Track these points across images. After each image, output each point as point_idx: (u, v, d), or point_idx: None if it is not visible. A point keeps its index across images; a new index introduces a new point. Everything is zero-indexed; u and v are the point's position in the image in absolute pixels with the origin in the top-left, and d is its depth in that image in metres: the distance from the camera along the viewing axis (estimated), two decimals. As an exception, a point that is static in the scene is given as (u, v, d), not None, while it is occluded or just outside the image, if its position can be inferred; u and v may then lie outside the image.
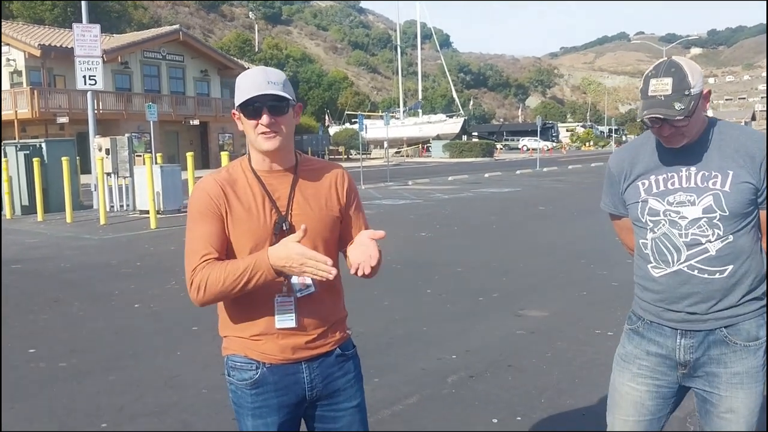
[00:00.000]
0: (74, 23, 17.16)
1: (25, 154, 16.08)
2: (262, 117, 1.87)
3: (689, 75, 1.97)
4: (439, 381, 4.34)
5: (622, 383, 2.23)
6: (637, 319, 2.22)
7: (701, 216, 2.03)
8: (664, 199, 2.08)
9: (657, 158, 2.12)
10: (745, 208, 2.02)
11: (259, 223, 1.92)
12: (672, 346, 2.13)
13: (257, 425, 1.98)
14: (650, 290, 2.15)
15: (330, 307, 2.02)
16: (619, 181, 2.21)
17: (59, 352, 5.13)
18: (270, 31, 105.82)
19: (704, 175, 2.04)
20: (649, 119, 2.00)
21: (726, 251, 2.03)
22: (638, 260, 2.20)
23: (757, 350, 2.08)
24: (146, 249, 10.22)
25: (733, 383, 2.07)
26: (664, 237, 2.08)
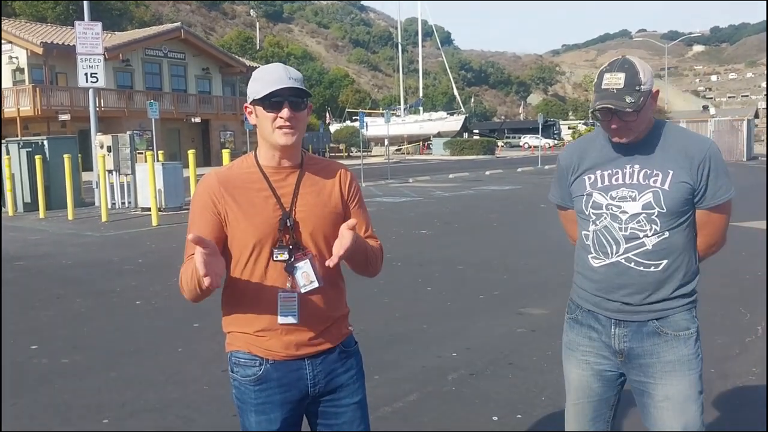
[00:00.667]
0: (76, 21, 17.17)
1: (28, 151, 16.11)
2: (282, 111, 1.89)
3: (641, 72, 2.07)
4: (440, 378, 4.35)
5: (570, 370, 2.36)
6: (576, 308, 2.33)
7: (641, 211, 2.12)
8: (608, 194, 2.17)
9: (604, 154, 2.21)
10: (682, 207, 2.13)
11: (262, 219, 1.93)
12: (608, 335, 2.23)
13: (260, 421, 2.00)
14: (589, 279, 2.25)
15: (333, 304, 2.04)
16: (567, 174, 2.31)
17: (61, 349, 5.15)
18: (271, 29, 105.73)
19: (647, 173, 2.13)
20: (599, 111, 2.09)
21: (662, 246, 2.13)
22: (579, 251, 2.30)
23: (687, 339, 2.18)
24: (148, 246, 10.24)
25: (667, 371, 2.16)
26: (605, 230, 2.18)
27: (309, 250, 1.96)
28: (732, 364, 4.51)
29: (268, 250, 1.93)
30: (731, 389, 4.10)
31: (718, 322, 5.52)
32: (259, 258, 1.94)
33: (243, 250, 1.95)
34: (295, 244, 1.94)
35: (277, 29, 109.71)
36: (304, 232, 1.96)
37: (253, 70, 2.00)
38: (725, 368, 4.44)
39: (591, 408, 2.31)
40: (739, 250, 8.81)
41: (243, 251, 1.95)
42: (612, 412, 2.34)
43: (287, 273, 1.93)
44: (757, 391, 4.08)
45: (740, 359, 4.63)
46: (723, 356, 4.68)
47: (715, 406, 3.87)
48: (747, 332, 5.23)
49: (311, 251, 1.96)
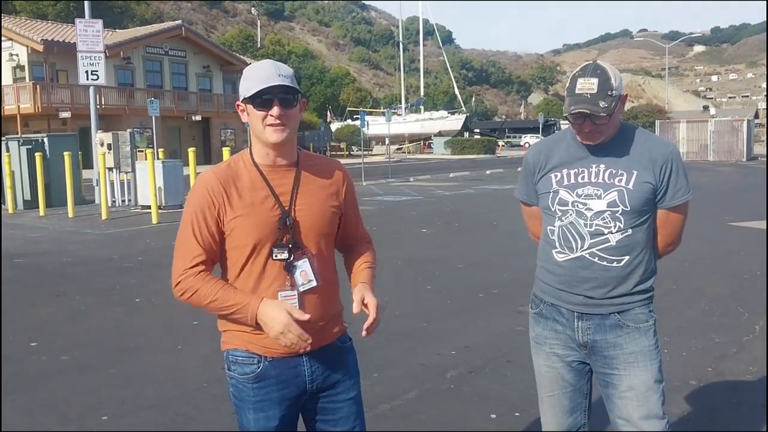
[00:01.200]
0: (77, 18, 17.18)
1: (28, 148, 16.12)
2: (272, 108, 1.88)
3: (612, 78, 2.15)
4: (438, 376, 4.36)
5: (540, 364, 2.43)
6: (540, 302, 2.41)
7: (606, 209, 2.22)
8: (574, 191, 2.26)
9: (571, 153, 2.30)
10: (644, 206, 2.22)
11: (261, 219, 1.93)
12: (572, 328, 2.32)
13: (258, 419, 2.00)
14: (553, 273, 2.33)
15: (329, 302, 2.05)
16: (534, 172, 2.38)
17: (61, 346, 5.16)
18: (272, 27, 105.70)
19: (612, 172, 2.23)
20: (573, 115, 2.17)
21: (624, 243, 2.23)
22: (543, 246, 2.39)
23: (647, 331, 2.28)
24: (148, 244, 10.25)
25: (630, 362, 2.26)
26: (570, 225, 2.27)
27: (308, 249, 1.97)
28: (730, 363, 4.52)
29: (267, 249, 1.93)
30: (729, 388, 4.10)
31: (715, 321, 5.53)
32: (258, 257, 1.94)
33: (243, 250, 1.94)
34: (294, 243, 1.94)
35: (279, 27, 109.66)
36: (303, 231, 1.96)
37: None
38: (723, 367, 4.45)
39: (567, 398, 2.38)
40: (737, 249, 8.83)
41: (243, 250, 1.94)
42: (587, 400, 2.42)
43: (286, 272, 1.93)
44: (755, 389, 4.09)
45: (738, 358, 4.63)
46: (721, 355, 4.69)
47: (713, 404, 3.88)
48: (745, 331, 5.23)
49: (310, 250, 1.97)
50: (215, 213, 1.94)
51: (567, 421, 2.40)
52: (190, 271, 1.92)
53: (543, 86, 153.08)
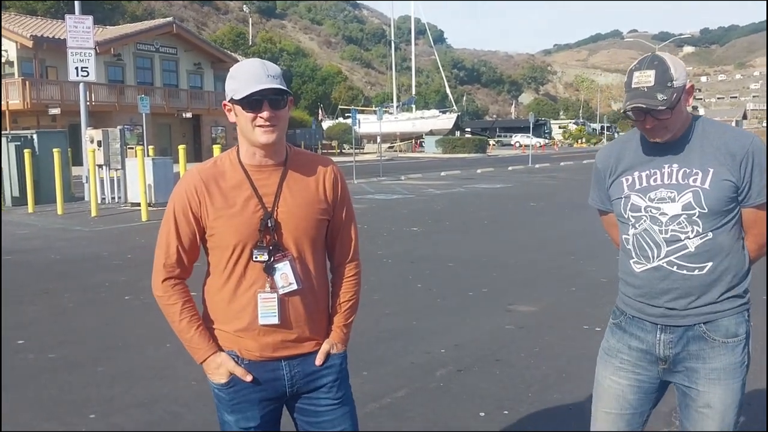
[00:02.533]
0: (67, 15, 17.07)
1: (17, 145, 15.98)
2: (262, 111, 1.85)
3: (672, 68, 1.99)
4: (428, 375, 4.37)
5: (605, 376, 2.26)
6: (620, 314, 2.25)
7: (680, 213, 2.05)
8: (646, 195, 2.09)
9: (641, 154, 2.14)
10: (725, 206, 2.04)
11: (243, 219, 1.90)
12: (652, 341, 2.15)
13: (237, 419, 1.99)
14: (632, 285, 2.17)
15: (313, 307, 2.01)
16: (605, 176, 2.23)
17: (48, 344, 5.12)
18: (264, 25, 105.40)
19: (686, 172, 2.05)
20: (632, 111, 2.02)
21: (705, 248, 2.04)
22: (622, 255, 2.23)
23: (735, 347, 2.10)
24: (137, 241, 10.19)
25: (711, 379, 2.09)
26: (644, 233, 2.11)
27: (289, 252, 1.94)
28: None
29: (249, 250, 1.91)
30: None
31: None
32: (239, 258, 1.93)
33: (224, 250, 1.93)
34: (276, 245, 1.92)
35: (270, 25, 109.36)
36: (285, 233, 1.94)
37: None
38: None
39: (624, 421, 2.23)
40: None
41: (224, 251, 1.93)
42: (643, 426, 2.27)
43: (266, 274, 1.91)
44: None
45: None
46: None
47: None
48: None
49: (291, 253, 1.94)
50: (197, 211, 1.93)
51: None
52: (168, 281, 1.97)
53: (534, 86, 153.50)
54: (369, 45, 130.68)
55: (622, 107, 2.08)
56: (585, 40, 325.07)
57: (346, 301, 2.10)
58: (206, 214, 1.92)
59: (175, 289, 1.96)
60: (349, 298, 2.10)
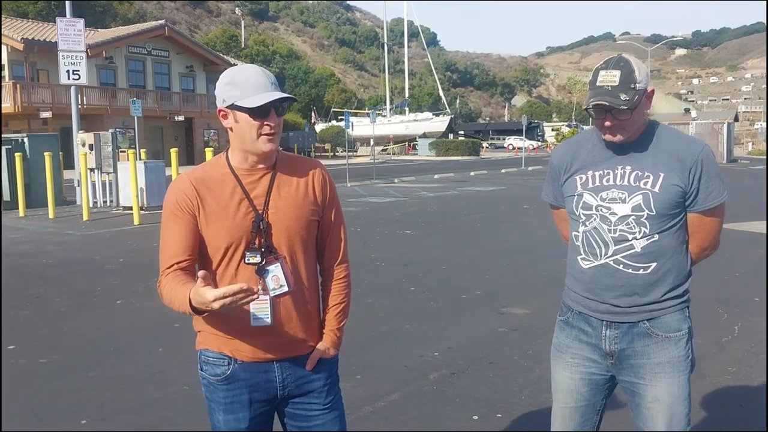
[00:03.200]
0: (58, 17, 16.97)
1: (7, 148, 15.88)
2: (269, 119, 1.88)
3: (636, 71, 2.05)
4: (421, 378, 4.36)
5: (558, 372, 2.33)
6: (567, 310, 2.32)
7: (630, 213, 2.11)
8: (598, 195, 2.15)
9: (596, 154, 2.20)
10: (672, 210, 2.11)
11: (234, 222, 1.91)
12: (599, 337, 2.21)
13: (228, 420, 2.00)
14: (579, 281, 2.24)
15: (304, 308, 2.02)
16: (560, 173, 2.29)
17: (40, 349, 5.09)
18: (256, 27, 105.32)
19: (638, 174, 2.11)
20: (593, 109, 2.08)
21: (651, 249, 2.11)
22: (570, 252, 2.29)
23: (678, 341, 2.17)
24: (129, 245, 10.15)
25: (657, 372, 2.16)
26: (594, 231, 2.17)
27: (281, 254, 1.94)
28: (709, 364, 4.56)
29: (240, 252, 1.92)
30: (708, 389, 4.14)
31: (695, 322, 5.56)
32: (231, 260, 1.93)
33: (215, 253, 1.94)
34: (267, 247, 1.93)
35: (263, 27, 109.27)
36: (276, 234, 1.94)
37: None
38: (702, 368, 4.48)
39: (578, 413, 2.29)
40: (719, 251, 8.92)
41: (215, 253, 1.94)
42: (598, 417, 2.33)
43: (258, 276, 1.92)
44: (734, 390, 4.14)
45: (717, 359, 4.68)
46: (700, 356, 4.69)
47: (692, 405, 3.90)
48: (724, 332, 5.29)
49: (283, 255, 1.95)
50: (191, 213, 1.93)
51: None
52: (165, 272, 1.92)
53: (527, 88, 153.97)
54: (362, 47, 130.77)
55: (584, 103, 2.11)
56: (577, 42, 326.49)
57: (338, 304, 2.11)
58: (198, 217, 1.93)
59: (168, 276, 1.91)
60: (340, 301, 2.11)
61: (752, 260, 8.29)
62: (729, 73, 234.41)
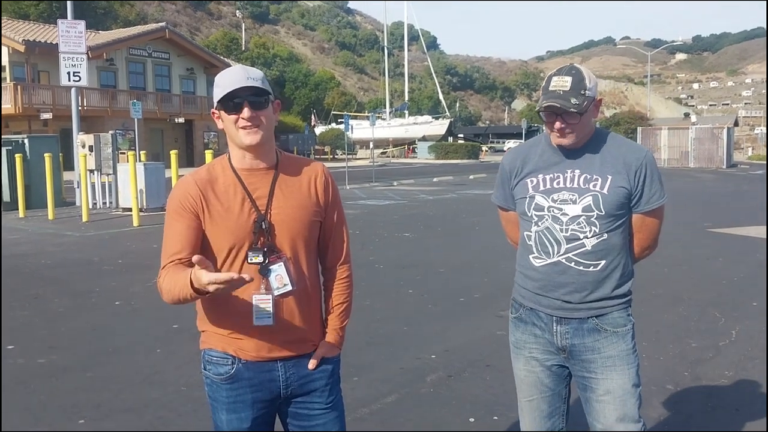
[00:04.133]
0: (59, 19, 17.00)
1: (8, 149, 15.93)
2: (243, 111, 1.89)
3: (587, 79, 2.20)
4: (418, 380, 4.37)
5: (519, 369, 2.44)
6: (519, 307, 2.42)
7: (581, 214, 2.23)
8: (549, 197, 2.27)
9: (546, 159, 2.32)
10: (619, 210, 2.24)
11: (238, 223, 1.93)
12: (551, 332, 2.32)
13: (231, 419, 2.01)
14: (531, 278, 2.34)
15: (307, 307, 2.03)
16: (510, 177, 2.40)
17: (38, 349, 5.10)
18: (257, 30, 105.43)
19: (586, 177, 2.25)
20: (545, 111, 2.21)
21: (600, 247, 2.24)
22: (521, 251, 2.40)
23: (625, 335, 2.29)
24: (128, 246, 10.16)
25: (607, 366, 2.27)
26: (546, 231, 2.28)
27: (283, 253, 1.96)
28: (705, 368, 4.57)
29: (243, 252, 1.94)
30: (705, 392, 4.16)
31: (692, 326, 5.60)
32: (234, 260, 1.95)
33: (219, 253, 1.95)
34: (270, 246, 1.94)
35: (263, 30, 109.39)
36: (279, 234, 1.96)
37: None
38: (699, 371, 4.51)
39: (546, 403, 2.38)
40: (715, 256, 8.94)
41: (219, 254, 1.95)
42: (566, 405, 2.42)
43: (261, 275, 1.93)
44: (731, 394, 4.15)
45: (714, 363, 4.69)
46: (697, 359, 4.74)
47: (689, 409, 3.92)
48: (721, 336, 5.30)
49: (285, 254, 1.96)
50: (194, 213, 1.94)
51: (545, 425, 2.41)
52: (167, 266, 1.92)
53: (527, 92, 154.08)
54: (362, 51, 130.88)
55: (537, 106, 2.24)
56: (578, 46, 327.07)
57: (340, 304, 2.13)
58: (202, 217, 1.94)
59: (167, 270, 1.90)
60: (343, 301, 2.13)
61: (749, 265, 8.30)
62: (729, 77, 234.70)
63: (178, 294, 1.83)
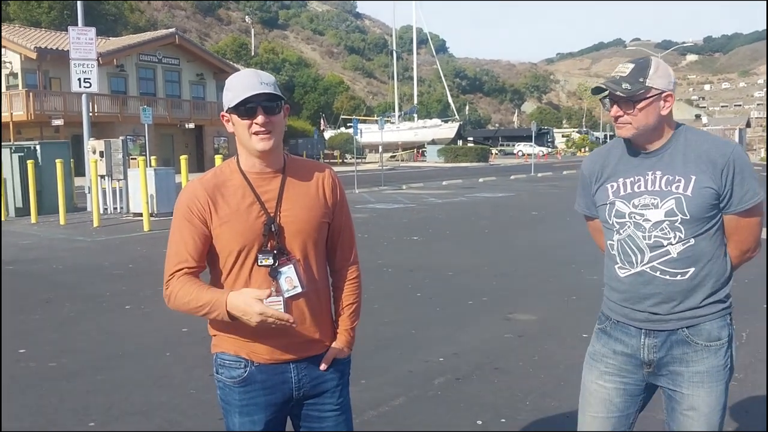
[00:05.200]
0: (70, 26, 17.18)
1: (20, 156, 16.08)
2: (257, 117, 1.90)
3: (652, 69, 2.07)
4: (426, 383, 4.38)
5: (591, 381, 2.29)
6: (605, 319, 2.28)
7: (663, 219, 2.08)
8: (630, 202, 2.13)
9: (625, 162, 2.18)
10: (707, 213, 2.08)
11: (247, 225, 1.94)
12: (637, 345, 2.18)
13: (244, 423, 2.02)
14: (616, 290, 2.21)
15: (318, 308, 2.05)
16: (591, 183, 2.27)
17: (49, 353, 5.15)
18: (266, 35, 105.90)
19: (668, 179, 2.09)
20: (594, 92, 2.15)
21: (687, 254, 2.09)
22: (607, 261, 2.27)
23: (718, 350, 2.14)
24: (138, 251, 10.23)
25: (695, 382, 2.13)
26: (628, 239, 2.14)
27: (293, 255, 1.97)
28: (715, 370, 4.54)
29: (253, 255, 1.95)
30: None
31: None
32: (244, 263, 1.96)
33: (229, 256, 1.96)
34: (280, 249, 1.96)
35: (272, 35, 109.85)
36: (288, 236, 1.97)
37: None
38: (709, 374, 4.47)
39: (610, 424, 2.25)
40: (727, 257, 8.88)
41: (229, 257, 1.96)
42: (631, 428, 2.29)
43: (271, 278, 1.94)
44: (740, 396, 4.12)
45: (724, 365, 4.66)
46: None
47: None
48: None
49: (295, 256, 1.98)
50: (201, 220, 1.96)
51: None
52: (174, 276, 1.95)
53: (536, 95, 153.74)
54: (371, 55, 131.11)
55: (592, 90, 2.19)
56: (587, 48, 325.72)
57: (350, 305, 2.14)
58: (210, 221, 1.96)
59: (179, 280, 1.94)
60: (352, 302, 2.14)
61: (761, 266, 8.23)
62: (741, 78, 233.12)
63: (199, 309, 1.89)
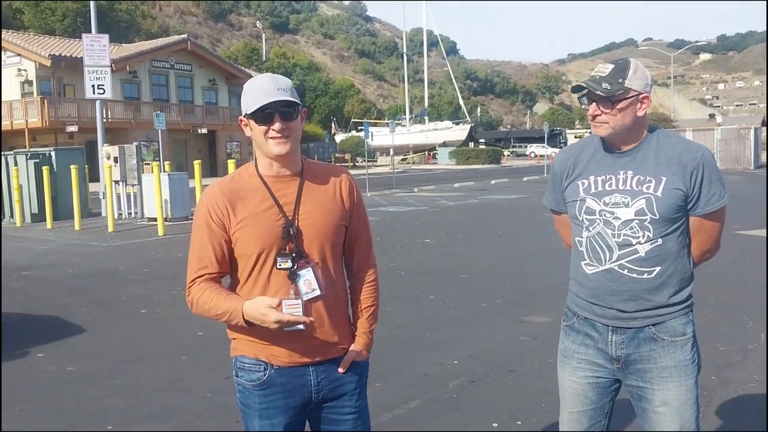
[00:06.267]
0: (84, 33, 17.36)
1: (35, 162, 16.24)
2: (274, 123, 1.92)
3: (631, 71, 2.10)
4: (441, 386, 4.37)
5: (564, 377, 2.35)
6: (572, 315, 2.33)
7: (633, 218, 2.12)
8: (601, 200, 2.17)
9: (598, 160, 2.22)
10: (675, 213, 2.12)
11: (265, 228, 1.96)
12: (605, 342, 2.23)
13: (264, 426, 2.03)
14: (583, 287, 2.25)
15: (336, 310, 2.06)
16: (561, 179, 2.31)
17: (67, 357, 5.20)
18: (277, 40, 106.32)
19: (640, 179, 2.13)
20: (573, 90, 2.18)
21: (654, 253, 2.12)
22: (574, 257, 2.30)
23: (684, 345, 2.18)
24: (153, 256, 10.30)
25: (664, 377, 2.17)
26: (598, 236, 2.18)
27: (311, 258, 1.99)
28: (733, 371, 4.51)
29: (272, 258, 1.96)
30: (732, 396, 4.10)
31: (720, 330, 5.52)
32: (263, 266, 1.97)
33: (248, 260, 1.98)
34: (298, 252, 1.97)
35: (283, 40, 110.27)
36: (306, 239, 1.99)
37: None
38: (727, 375, 4.44)
39: (586, 417, 2.30)
40: (743, 258, 8.80)
41: (248, 260, 1.98)
42: (607, 419, 2.34)
43: (290, 281, 1.96)
44: (759, 398, 4.08)
45: (742, 366, 4.62)
46: (725, 363, 4.68)
47: (716, 413, 3.87)
48: (749, 340, 5.22)
49: (314, 259, 1.99)
50: (221, 225, 1.98)
51: None
52: (196, 282, 1.98)
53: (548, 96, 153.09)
54: (381, 58, 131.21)
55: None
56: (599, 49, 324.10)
57: (368, 307, 2.15)
58: (229, 225, 1.98)
59: (200, 286, 1.98)
60: (370, 304, 2.15)
61: (762, 264, 8.16)
62: (756, 77, 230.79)
63: (219, 317, 1.94)
